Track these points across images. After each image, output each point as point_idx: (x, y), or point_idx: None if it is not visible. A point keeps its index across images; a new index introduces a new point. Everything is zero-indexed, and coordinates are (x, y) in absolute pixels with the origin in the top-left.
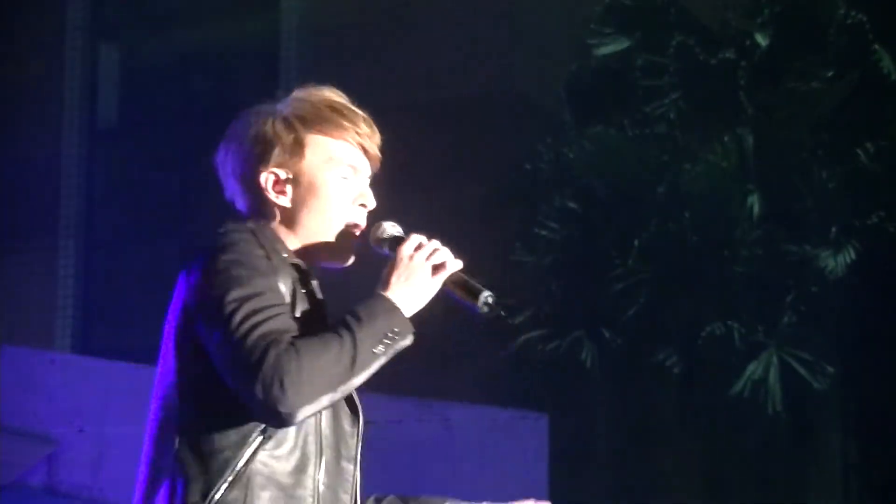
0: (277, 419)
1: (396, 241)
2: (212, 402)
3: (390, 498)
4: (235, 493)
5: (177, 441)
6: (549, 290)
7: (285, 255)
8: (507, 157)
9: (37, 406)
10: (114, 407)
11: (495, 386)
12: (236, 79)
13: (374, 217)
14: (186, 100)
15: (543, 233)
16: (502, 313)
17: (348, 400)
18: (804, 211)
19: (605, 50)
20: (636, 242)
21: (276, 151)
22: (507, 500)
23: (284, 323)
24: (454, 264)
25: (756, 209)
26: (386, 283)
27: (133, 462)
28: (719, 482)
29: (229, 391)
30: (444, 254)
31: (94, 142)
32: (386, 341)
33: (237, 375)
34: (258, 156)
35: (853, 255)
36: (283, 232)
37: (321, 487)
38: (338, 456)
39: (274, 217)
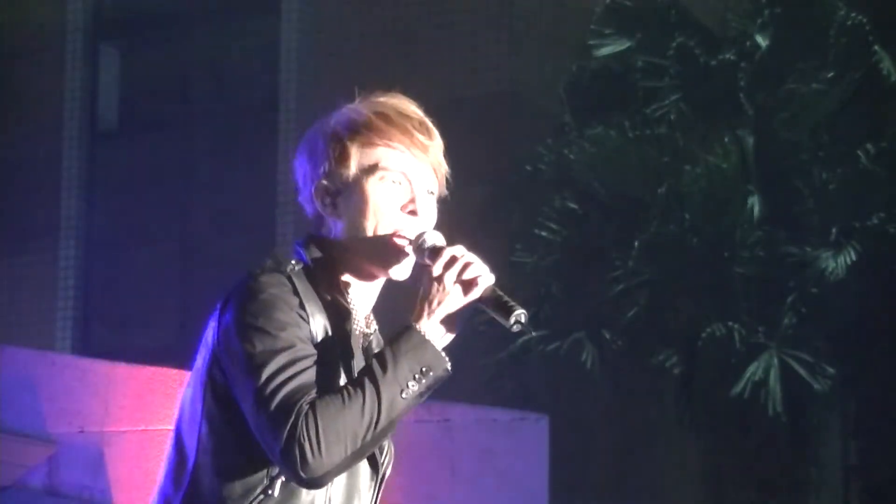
0: (303, 483)
1: (434, 254)
2: (226, 450)
3: None
4: None
5: (188, 480)
6: (550, 291)
7: (328, 297)
8: (507, 158)
9: (37, 407)
10: (114, 408)
11: (496, 387)
12: (236, 80)
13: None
14: (186, 102)
15: (544, 234)
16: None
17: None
18: (804, 212)
19: (605, 51)
20: (636, 243)
21: (325, 164)
22: (507, 502)
23: (310, 379)
24: (486, 279)
25: (756, 210)
26: (419, 312)
27: (133, 463)
28: (719, 483)
29: (241, 442)
30: (478, 268)
31: (95, 143)
32: (416, 381)
33: (262, 437)
34: (311, 169)
35: (853, 257)
36: (338, 249)
37: None
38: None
39: (329, 230)
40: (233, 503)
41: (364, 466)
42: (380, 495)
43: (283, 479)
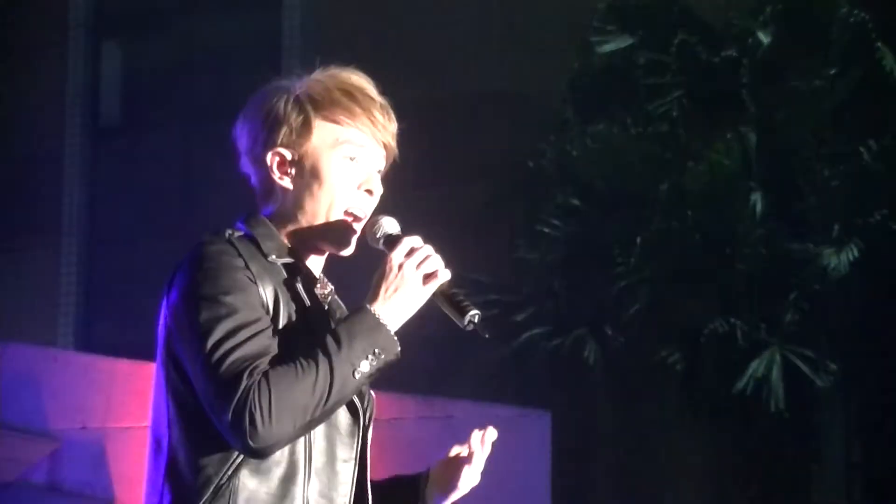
0: (250, 452)
1: (390, 241)
2: (194, 420)
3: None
4: None
5: (166, 459)
6: (552, 287)
7: (273, 257)
8: (510, 154)
9: (39, 403)
10: (116, 404)
11: (498, 383)
12: (238, 75)
13: (380, 212)
14: (189, 96)
15: (546, 230)
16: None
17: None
18: (807, 209)
19: (607, 48)
20: (639, 240)
21: (284, 131)
22: (509, 498)
23: (260, 345)
24: (444, 274)
25: (759, 207)
26: (374, 295)
27: (135, 459)
28: (722, 479)
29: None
30: (436, 262)
31: (97, 139)
32: (367, 362)
33: (211, 405)
34: (267, 134)
35: (856, 253)
36: (286, 218)
37: (312, 495)
38: (332, 460)
39: (278, 200)
40: (212, 470)
41: (343, 415)
42: (367, 444)
43: None
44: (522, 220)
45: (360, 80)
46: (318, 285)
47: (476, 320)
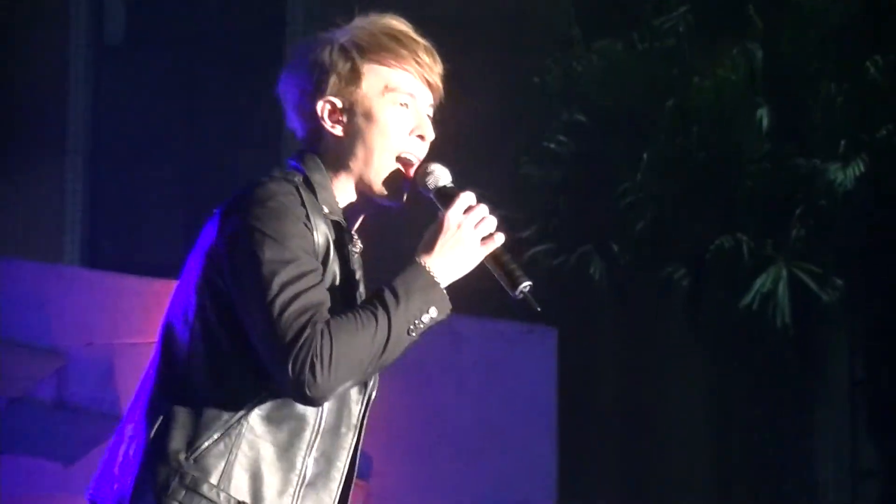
0: (305, 400)
1: (445, 195)
2: (220, 354)
3: None
4: (220, 448)
5: (178, 383)
6: (557, 204)
7: (327, 211)
8: (514, 72)
9: (45, 320)
10: (122, 320)
11: (503, 299)
12: None
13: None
14: (194, 16)
15: (552, 146)
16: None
17: None
18: (813, 125)
19: None
20: (644, 157)
21: (333, 80)
22: (515, 414)
23: (320, 295)
24: (500, 237)
25: (765, 123)
26: (429, 249)
27: (142, 374)
28: (726, 395)
29: (236, 350)
30: (493, 223)
31: (102, 58)
32: (421, 320)
33: (269, 349)
34: (315, 84)
35: (862, 169)
36: (336, 167)
37: (314, 454)
38: (338, 423)
39: (329, 148)
40: (225, 407)
41: None
42: (367, 414)
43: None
44: (527, 137)
45: (402, 24)
46: (352, 244)
47: (527, 290)
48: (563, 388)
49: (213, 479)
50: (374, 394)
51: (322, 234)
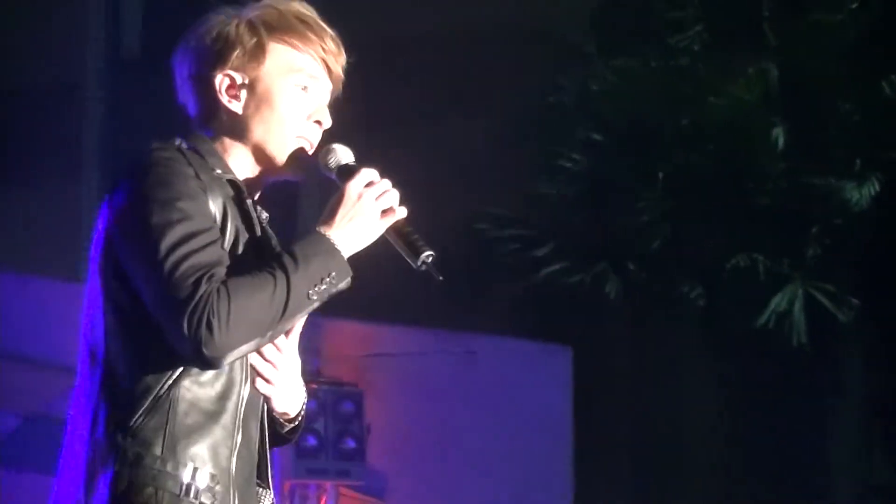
0: (202, 362)
1: (346, 172)
2: (135, 330)
3: None
4: (156, 420)
5: (101, 371)
6: (572, 222)
7: (219, 171)
8: (529, 88)
9: (60, 337)
10: None
11: (519, 318)
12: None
13: (406, 143)
14: None
15: (567, 164)
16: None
17: None
18: (828, 143)
19: None
20: (660, 175)
21: (236, 53)
22: (531, 432)
23: (214, 254)
24: (401, 211)
25: (780, 141)
26: (329, 220)
27: None
28: (741, 412)
29: (153, 320)
30: (394, 197)
31: (118, 71)
32: (322, 285)
33: (163, 311)
34: (216, 56)
35: (877, 187)
36: (228, 142)
37: (244, 412)
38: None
39: (222, 124)
40: (152, 380)
41: None
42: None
43: None
44: (542, 155)
45: (310, 10)
46: (258, 208)
47: (430, 261)
48: (578, 405)
49: (157, 451)
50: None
51: (218, 194)
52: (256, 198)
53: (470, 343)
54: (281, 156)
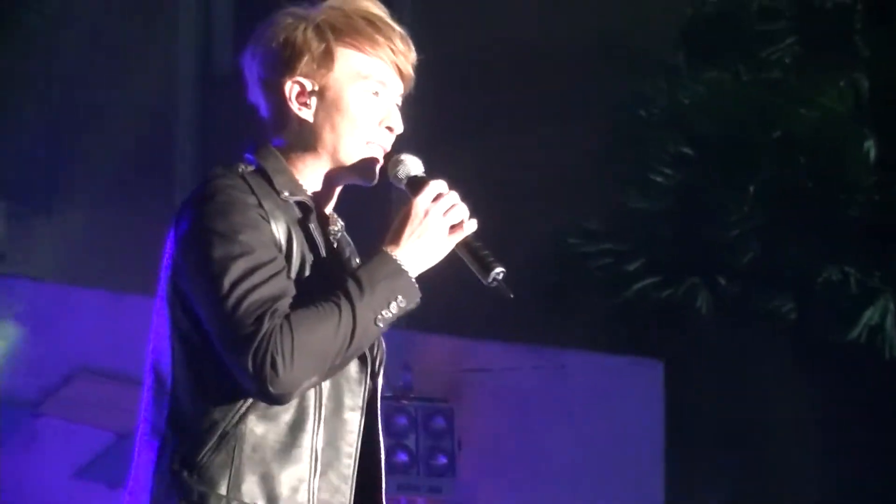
0: (269, 398)
1: (414, 183)
2: (200, 362)
3: None
4: (222, 457)
5: (168, 402)
6: (663, 236)
7: (286, 194)
8: (619, 101)
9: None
10: None
11: (610, 332)
12: None
13: (498, 158)
14: None
15: (657, 179)
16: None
17: None
18: None
19: None
20: (751, 188)
21: (305, 60)
22: (622, 447)
23: (277, 286)
24: (470, 225)
25: (872, 154)
26: (396, 238)
27: None
28: (834, 426)
29: (218, 353)
30: (462, 211)
31: (208, 89)
32: (389, 311)
33: (227, 347)
34: (284, 63)
35: None
36: (300, 152)
37: (320, 444)
38: (339, 407)
39: (293, 132)
40: (218, 415)
41: (352, 362)
42: (377, 393)
43: None
44: (633, 169)
45: (379, 9)
46: (329, 222)
47: (500, 277)
48: (669, 420)
49: (222, 490)
50: (380, 370)
51: (282, 220)
52: (331, 207)
53: (560, 358)
54: (355, 159)
